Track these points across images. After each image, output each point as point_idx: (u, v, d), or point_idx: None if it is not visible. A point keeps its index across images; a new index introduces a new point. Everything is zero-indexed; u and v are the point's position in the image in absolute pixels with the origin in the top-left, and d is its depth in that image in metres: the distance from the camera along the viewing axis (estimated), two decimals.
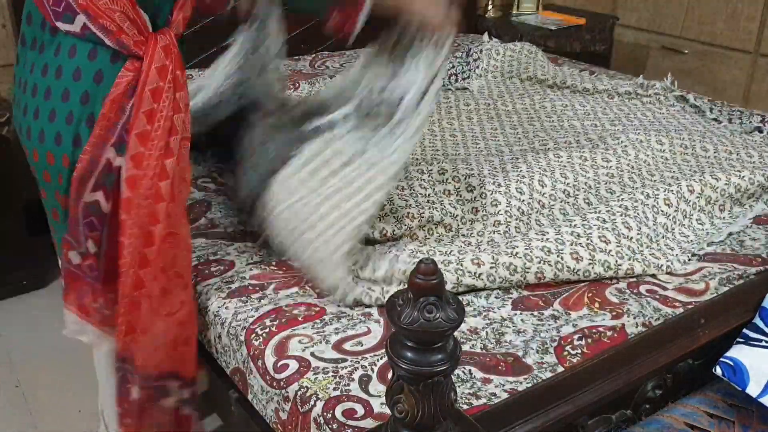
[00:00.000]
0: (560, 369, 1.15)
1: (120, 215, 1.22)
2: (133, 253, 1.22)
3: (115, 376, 1.35)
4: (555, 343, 1.20)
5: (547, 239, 1.38)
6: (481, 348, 1.19)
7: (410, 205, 1.55)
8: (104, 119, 1.19)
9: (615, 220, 1.46)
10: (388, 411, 0.86)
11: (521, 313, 1.28)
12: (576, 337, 1.22)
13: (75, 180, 1.21)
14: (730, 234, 1.54)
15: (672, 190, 1.58)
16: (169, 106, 1.20)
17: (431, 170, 1.68)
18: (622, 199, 1.54)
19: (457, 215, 1.56)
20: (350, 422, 1.05)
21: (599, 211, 1.49)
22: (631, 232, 1.44)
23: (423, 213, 1.52)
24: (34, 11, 1.22)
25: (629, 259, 1.39)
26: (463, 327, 1.23)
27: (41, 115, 1.22)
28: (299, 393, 1.12)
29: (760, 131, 2.07)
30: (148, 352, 1.29)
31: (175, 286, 1.28)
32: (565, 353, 1.18)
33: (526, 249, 1.35)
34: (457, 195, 1.61)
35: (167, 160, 1.21)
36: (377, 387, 1.11)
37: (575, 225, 1.43)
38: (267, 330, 1.23)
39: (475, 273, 1.32)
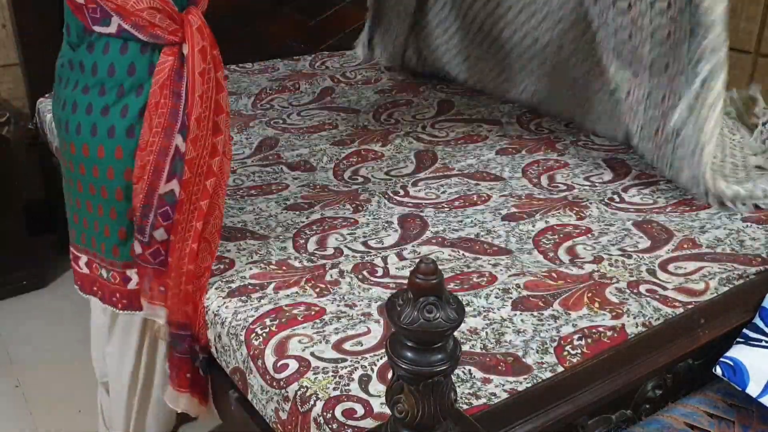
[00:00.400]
0: (560, 369, 1.15)
1: (180, 194, 1.30)
2: (186, 228, 1.30)
3: (171, 350, 1.42)
4: (555, 343, 1.20)
5: None
6: (481, 348, 1.19)
7: None
8: (158, 107, 1.26)
9: None
10: (388, 411, 0.86)
11: (521, 313, 1.28)
12: (576, 337, 1.22)
13: (148, 173, 1.28)
14: (730, 233, 1.55)
15: None
16: (213, 87, 1.28)
17: None
18: None
19: None
20: (350, 422, 1.05)
21: None
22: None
23: None
24: (71, 21, 1.29)
25: None
26: (463, 327, 1.23)
27: (79, 109, 1.29)
28: (299, 393, 1.12)
29: None
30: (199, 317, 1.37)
31: (203, 251, 1.34)
32: (565, 353, 1.18)
33: None
34: None
35: (217, 138, 1.30)
36: (377, 387, 1.11)
37: None
38: (267, 330, 1.23)
39: None
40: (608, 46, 1.84)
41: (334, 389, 1.10)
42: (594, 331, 1.23)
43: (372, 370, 1.14)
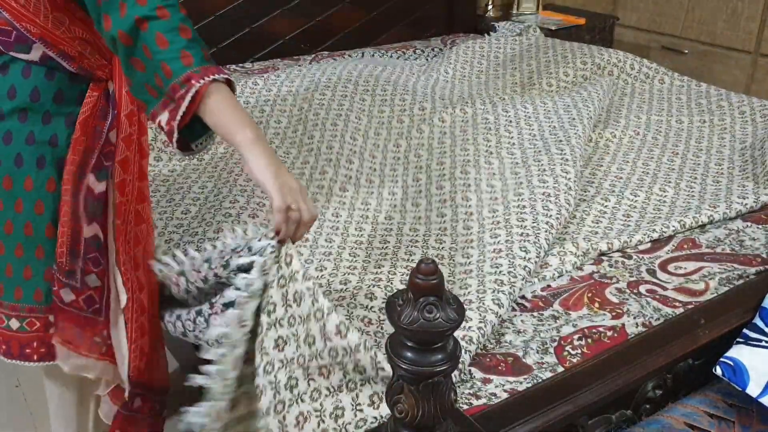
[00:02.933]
0: (560, 369, 1.15)
1: (112, 243, 1.21)
2: (131, 279, 1.21)
3: (112, 403, 1.32)
4: (555, 343, 1.20)
5: None
6: (481, 348, 1.19)
7: None
8: (78, 143, 1.17)
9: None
10: (388, 411, 0.86)
11: (521, 314, 1.28)
12: (576, 337, 1.22)
13: (68, 214, 1.17)
14: (730, 234, 1.55)
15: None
16: (137, 129, 1.20)
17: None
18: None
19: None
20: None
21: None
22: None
23: None
24: None
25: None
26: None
27: None
28: None
29: None
30: (158, 370, 1.30)
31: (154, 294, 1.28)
32: (565, 353, 1.18)
33: None
34: None
35: (142, 183, 1.22)
36: None
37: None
38: None
39: None
40: None
41: None
42: (594, 331, 1.23)
43: None
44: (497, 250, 1.39)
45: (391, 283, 1.34)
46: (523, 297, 1.32)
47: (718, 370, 1.21)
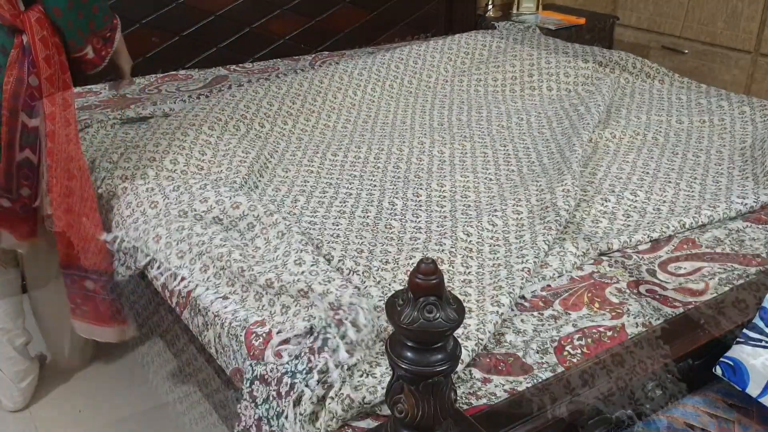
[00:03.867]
0: (560, 369, 1.15)
1: (46, 161, 1.52)
2: (61, 188, 1.50)
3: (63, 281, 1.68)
4: (555, 343, 1.20)
5: None
6: (481, 348, 1.19)
7: None
8: (6, 90, 1.44)
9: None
10: (388, 411, 0.86)
11: (521, 314, 1.28)
12: (576, 337, 1.22)
13: (5, 146, 1.48)
14: (730, 233, 1.54)
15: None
16: (58, 69, 1.46)
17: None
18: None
19: None
20: (350, 422, 1.04)
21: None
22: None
23: None
24: None
25: None
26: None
27: None
28: None
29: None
30: (91, 254, 1.60)
31: (86, 200, 1.57)
32: (565, 353, 1.18)
33: None
34: None
35: (67, 111, 1.49)
36: None
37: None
38: (267, 330, 1.23)
39: None
40: None
41: None
42: (594, 331, 1.23)
43: None
44: (497, 264, 1.40)
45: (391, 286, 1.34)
46: (523, 297, 1.32)
47: (718, 370, 1.21)
